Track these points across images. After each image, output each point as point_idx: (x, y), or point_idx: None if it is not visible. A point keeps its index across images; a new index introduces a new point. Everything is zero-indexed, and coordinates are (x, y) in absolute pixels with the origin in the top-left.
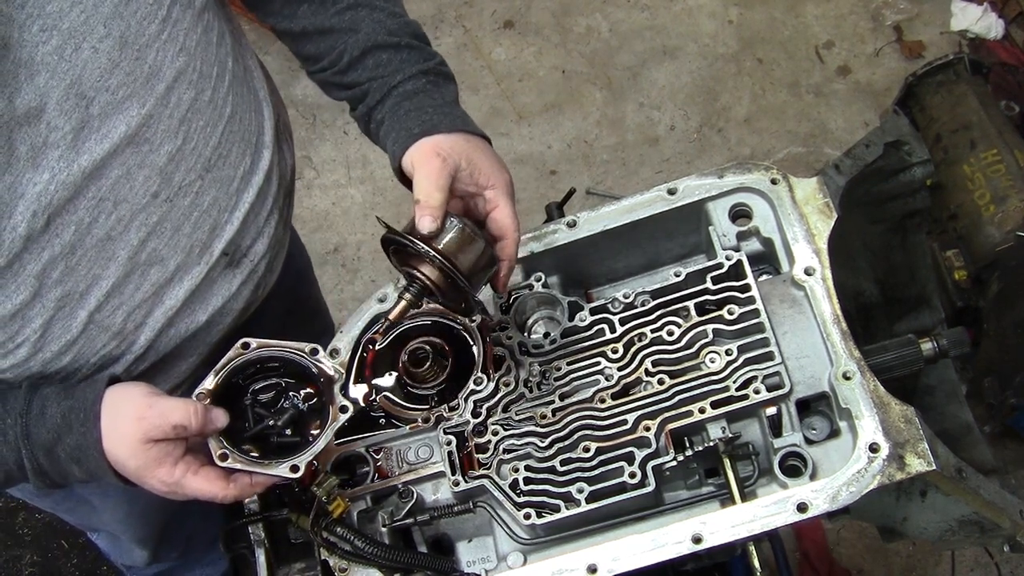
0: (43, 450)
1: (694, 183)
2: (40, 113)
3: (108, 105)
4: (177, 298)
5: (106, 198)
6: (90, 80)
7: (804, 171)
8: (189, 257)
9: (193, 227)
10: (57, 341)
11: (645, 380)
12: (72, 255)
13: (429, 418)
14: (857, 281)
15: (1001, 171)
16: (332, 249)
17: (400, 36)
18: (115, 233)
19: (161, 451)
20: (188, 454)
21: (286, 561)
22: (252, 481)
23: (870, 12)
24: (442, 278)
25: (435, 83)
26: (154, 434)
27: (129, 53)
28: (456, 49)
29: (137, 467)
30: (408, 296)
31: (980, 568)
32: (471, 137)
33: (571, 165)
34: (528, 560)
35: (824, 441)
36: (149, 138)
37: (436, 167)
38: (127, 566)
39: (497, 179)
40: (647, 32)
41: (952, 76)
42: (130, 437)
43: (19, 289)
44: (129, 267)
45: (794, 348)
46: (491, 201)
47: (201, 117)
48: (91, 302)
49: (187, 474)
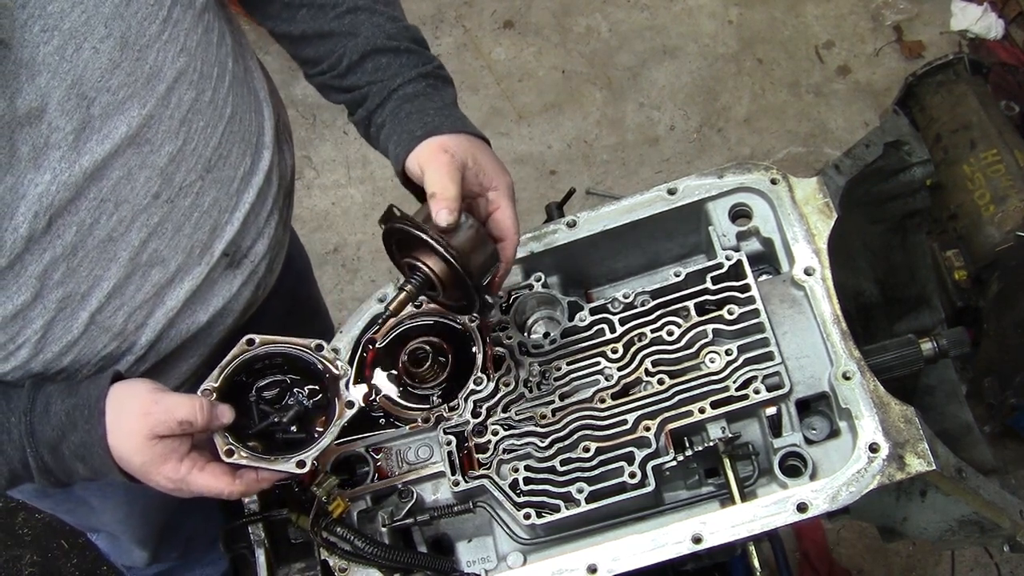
0: (48, 448)
1: (694, 183)
2: (41, 114)
3: (109, 105)
4: (178, 299)
5: (107, 199)
6: (91, 80)
7: (804, 171)
8: (190, 258)
9: (194, 228)
10: (58, 342)
11: (645, 380)
12: (73, 256)
13: (429, 418)
14: (857, 281)
15: (1001, 171)
16: (332, 249)
17: (399, 40)
18: (116, 234)
19: (167, 447)
20: (194, 450)
21: (286, 561)
22: (258, 477)
23: (870, 12)
24: (449, 274)
25: (434, 86)
26: (160, 430)
27: (130, 54)
28: (456, 49)
29: (143, 463)
30: (409, 288)
31: (980, 568)
32: (473, 138)
33: (571, 165)
34: (528, 560)
35: (824, 441)
36: (150, 139)
37: (447, 161)
38: (127, 566)
39: (500, 180)
40: (647, 32)
41: (952, 76)
42: (136, 433)
43: (20, 290)
44: (130, 268)
45: (794, 348)
46: (493, 202)
47: (202, 118)
48: (92, 303)
49: (193, 470)
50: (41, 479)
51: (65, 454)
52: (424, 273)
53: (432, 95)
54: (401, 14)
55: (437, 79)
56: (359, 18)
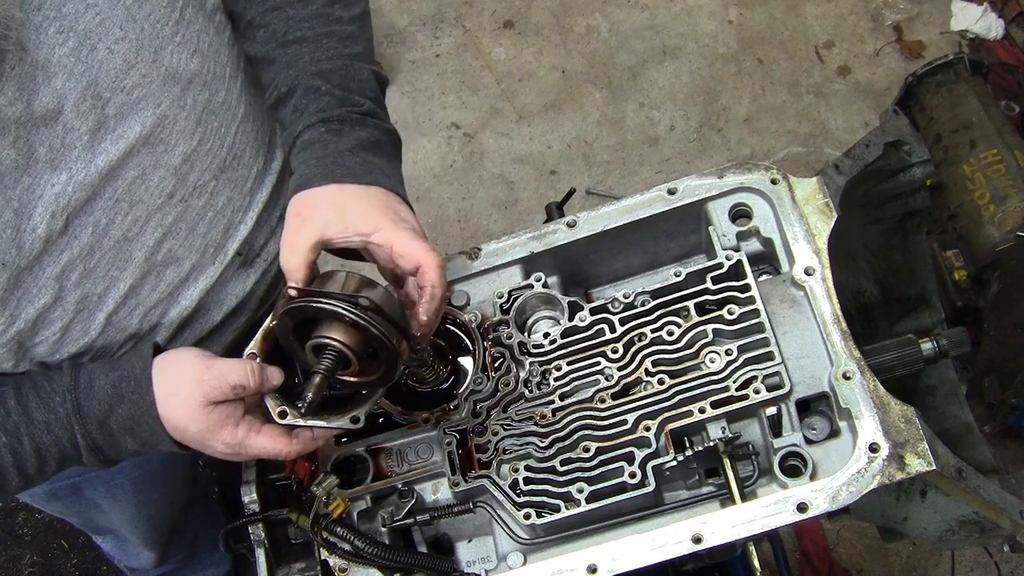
0: (96, 423)
1: (694, 183)
2: (58, 115)
3: (123, 106)
4: (192, 298)
5: (122, 199)
6: (106, 81)
7: (804, 171)
8: (204, 257)
9: (208, 227)
10: (75, 343)
11: (645, 380)
12: (91, 257)
13: (429, 418)
14: (857, 281)
15: (1001, 171)
16: None
17: (324, 79)
18: (131, 234)
19: (223, 412)
20: (248, 414)
21: (286, 561)
22: (314, 435)
23: (870, 12)
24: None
25: (335, 131)
26: (215, 396)
27: (145, 55)
28: (456, 49)
29: (200, 430)
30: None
31: (980, 568)
32: (346, 186)
33: (571, 165)
34: (528, 560)
35: (824, 441)
36: (164, 139)
37: (291, 228)
38: (132, 568)
39: (379, 221)
40: (647, 32)
41: (952, 76)
42: (191, 401)
43: (41, 292)
44: (146, 268)
45: (794, 348)
46: (384, 244)
47: (216, 118)
48: (109, 304)
49: (250, 433)
50: (90, 457)
51: (114, 428)
52: (335, 348)
53: (328, 141)
54: (354, 46)
55: (343, 122)
56: (302, 49)
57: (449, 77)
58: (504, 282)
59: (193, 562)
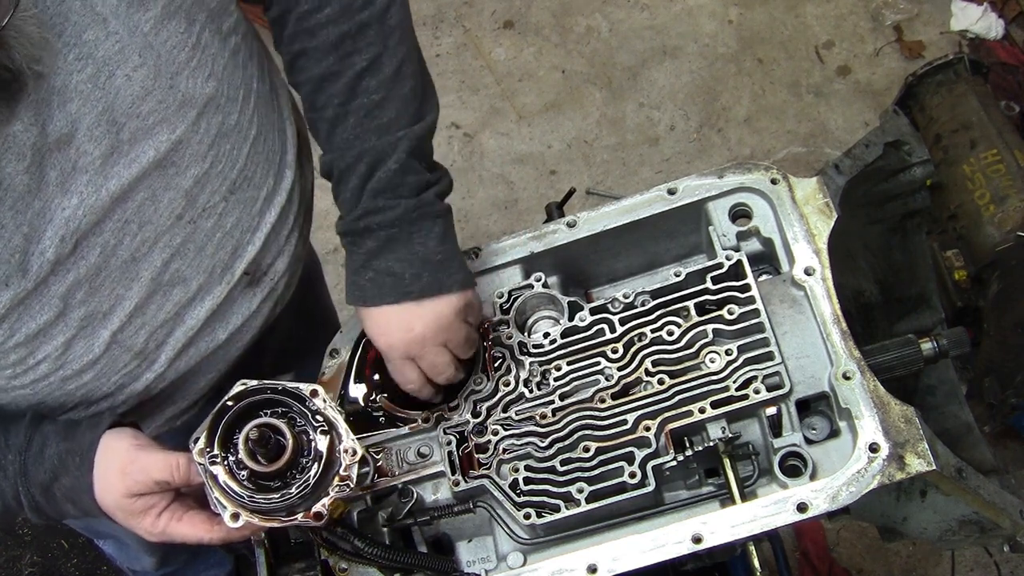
0: (40, 488)
1: (694, 183)
2: (71, 139)
3: (138, 131)
4: (198, 318)
5: (131, 220)
6: (122, 107)
7: (804, 171)
8: (211, 277)
9: (216, 248)
10: (79, 360)
11: (645, 380)
12: (97, 276)
13: (429, 418)
14: (857, 281)
15: (1001, 171)
16: (332, 249)
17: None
18: (139, 254)
19: (145, 503)
20: (175, 501)
21: (286, 561)
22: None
23: (870, 12)
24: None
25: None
26: (136, 489)
27: (162, 81)
28: (456, 49)
29: (123, 517)
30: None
31: (980, 568)
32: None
33: (571, 165)
34: (528, 560)
35: (824, 441)
36: (176, 162)
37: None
38: (134, 571)
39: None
40: (647, 32)
41: (952, 76)
42: (115, 490)
43: (43, 310)
44: (152, 287)
45: (794, 348)
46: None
47: (228, 140)
48: (114, 322)
49: (171, 522)
50: (33, 516)
51: (57, 495)
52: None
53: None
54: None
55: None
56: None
57: (449, 77)
58: (504, 282)
59: (195, 564)
